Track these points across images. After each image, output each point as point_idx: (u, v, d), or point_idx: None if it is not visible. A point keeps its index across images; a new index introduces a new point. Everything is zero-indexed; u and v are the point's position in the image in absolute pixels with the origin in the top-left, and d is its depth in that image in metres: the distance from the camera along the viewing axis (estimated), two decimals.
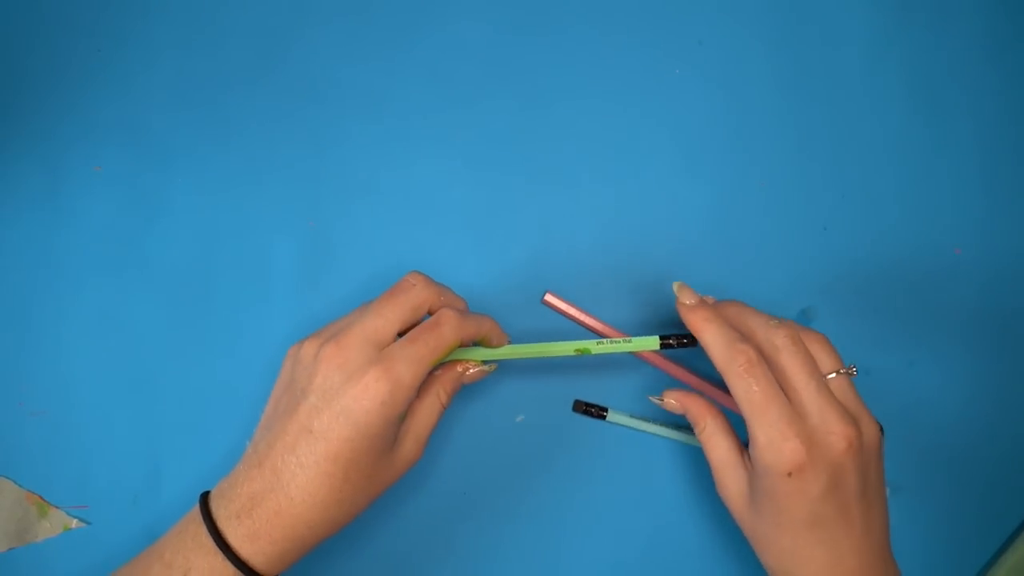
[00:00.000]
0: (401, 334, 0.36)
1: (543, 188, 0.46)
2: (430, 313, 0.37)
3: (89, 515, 0.43)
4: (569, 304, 0.44)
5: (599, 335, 0.44)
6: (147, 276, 0.44)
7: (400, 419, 0.35)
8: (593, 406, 0.44)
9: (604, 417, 0.44)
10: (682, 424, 0.45)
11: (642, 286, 0.46)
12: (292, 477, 0.33)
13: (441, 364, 0.39)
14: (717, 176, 0.47)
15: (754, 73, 0.48)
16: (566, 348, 0.40)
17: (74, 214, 0.45)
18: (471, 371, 0.39)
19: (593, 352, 0.40)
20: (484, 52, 0.47)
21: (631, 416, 0.44)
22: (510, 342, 0.40)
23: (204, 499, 0.35)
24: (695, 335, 0.37)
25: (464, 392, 0.45)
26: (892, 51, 0.48)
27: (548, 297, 0.44)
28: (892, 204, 0.47)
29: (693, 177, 0.47)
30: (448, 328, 0.36)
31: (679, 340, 0.39)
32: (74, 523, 0.42)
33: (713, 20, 0.48)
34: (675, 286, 0.39)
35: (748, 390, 0.34)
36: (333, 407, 0.33)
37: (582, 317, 0.44)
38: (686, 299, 0.38)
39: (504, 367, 0.45)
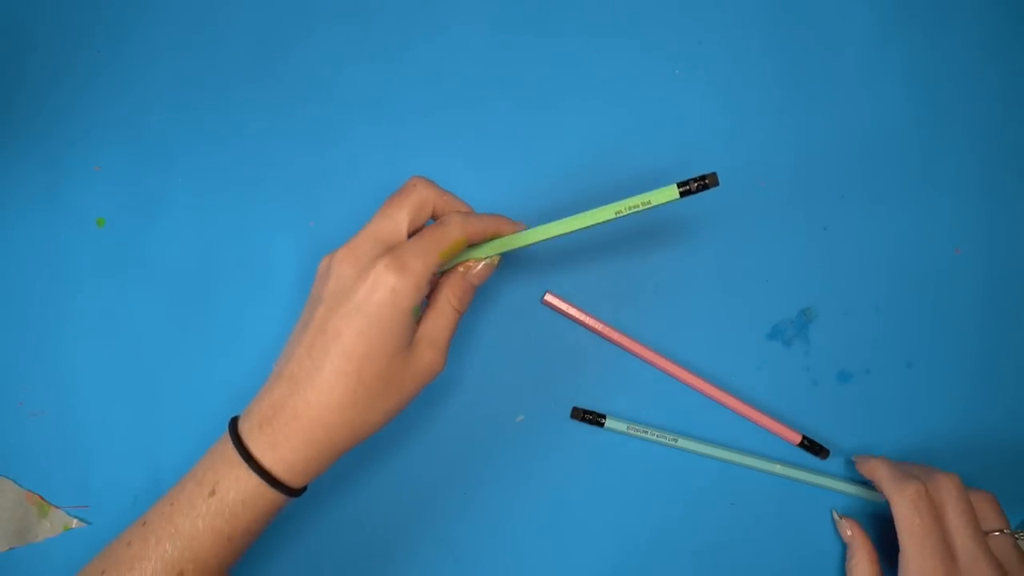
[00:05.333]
0: None
1: (543, 188, 0.46)
2: (435, 218, 0.38)
3: (89, 515, 0.43)
4: (569, 304, 0.44)
5: (599, 335, 0.44)
6: (147, 276, 0.44)
7: (414, 313, 0.35)
8: (591, 413, 0.44)
9: (602, 424, 0.44)
10: (681, 434, 0.45)
11: (642, 286, 0.46)
12: (308, 379, 0.33)
13: (448, 270, 0.38)
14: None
15: (754, 73, 0.48)
16: (597, 216, 0.37)
17: (74, 214, 0.45)
18: (475, 269, 0.38)
19: (623, 213, 0.37)
20: (484, 52, 0.47)
21: (629, 424, 0.44)
22: (525, 227, 0.38)
23: (233, 419, 0.36)
24: (869, 474, 0.43)
25: (465, 392, 0.45)
26: (892, 51, 0.48)
27: (548, 297, 0.44)
28: (892, 204, 0.47)
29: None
30: (453, 225, 0.36)
31: (699, 182, 0.36)
32: (74, 523, 0.43)
33: (713, 20, 0.48)
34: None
35: (912, 520, 0.39)
36: (345, 304, 0.34)
37: (582, 317, 0.44)
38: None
39: (508, 361, 0.45)
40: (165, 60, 0.46)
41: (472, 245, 0.37)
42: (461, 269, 0.38)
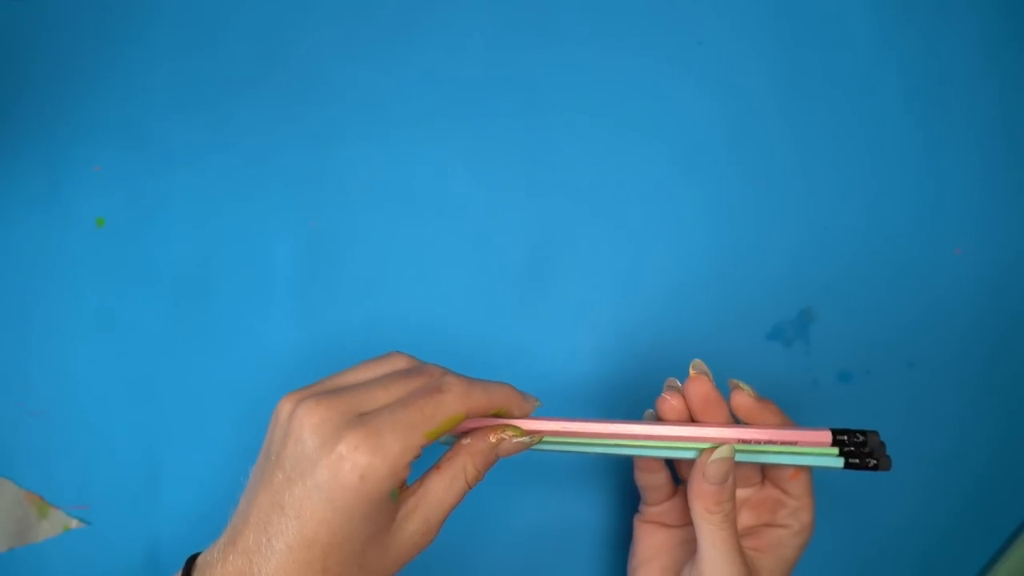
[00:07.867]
0: None
1: (543, 189, 0.46)
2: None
3: (89, 515, 0.43)
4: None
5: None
6: (147, 276, 0.44)
7: (391, 497, 0.29)
8: None
9: None
10: None
11: (642, 287, 0.46)
12: (265, 561, 0.28)
13: (471, 432, 0.32)
14: (717, 177, 0.47)
15: (754, 73, 0.48)
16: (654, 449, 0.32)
17: (74, 214, 0.45)
18: (508, 441, 0.32)
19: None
20: (485, 53, 0.47)
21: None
22: (541, 405, 0.34)
23: (189, 567, 0.30)
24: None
25: None
26: (892, 51, 0.48)
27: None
28: (892, 204, 0.47)
29: (693, 177, 0.47)
30: (451, 395, 0.30)
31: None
32: (74, 523, 0.43)
33: (713, 20, 0.48)
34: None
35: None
36: (306, 480, 0.28)
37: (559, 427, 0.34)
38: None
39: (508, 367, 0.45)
40: (166, 61, 0.46)
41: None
42: (493, 439, 0.32)
